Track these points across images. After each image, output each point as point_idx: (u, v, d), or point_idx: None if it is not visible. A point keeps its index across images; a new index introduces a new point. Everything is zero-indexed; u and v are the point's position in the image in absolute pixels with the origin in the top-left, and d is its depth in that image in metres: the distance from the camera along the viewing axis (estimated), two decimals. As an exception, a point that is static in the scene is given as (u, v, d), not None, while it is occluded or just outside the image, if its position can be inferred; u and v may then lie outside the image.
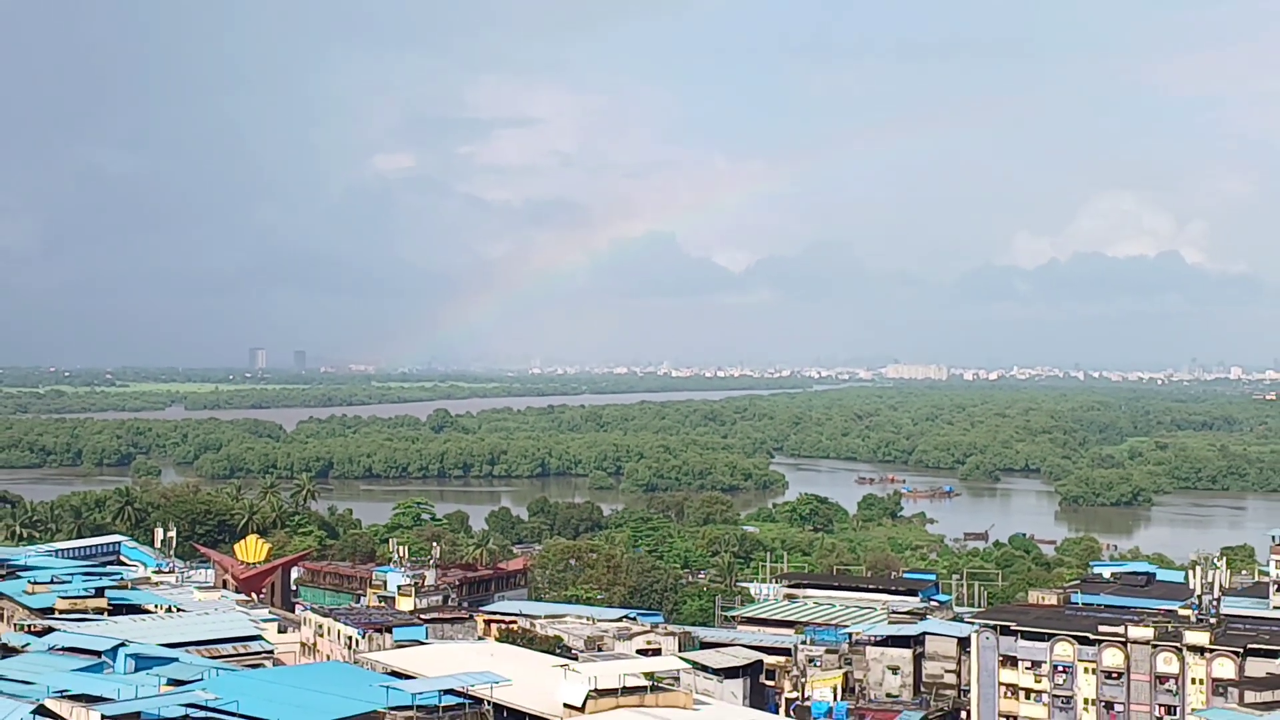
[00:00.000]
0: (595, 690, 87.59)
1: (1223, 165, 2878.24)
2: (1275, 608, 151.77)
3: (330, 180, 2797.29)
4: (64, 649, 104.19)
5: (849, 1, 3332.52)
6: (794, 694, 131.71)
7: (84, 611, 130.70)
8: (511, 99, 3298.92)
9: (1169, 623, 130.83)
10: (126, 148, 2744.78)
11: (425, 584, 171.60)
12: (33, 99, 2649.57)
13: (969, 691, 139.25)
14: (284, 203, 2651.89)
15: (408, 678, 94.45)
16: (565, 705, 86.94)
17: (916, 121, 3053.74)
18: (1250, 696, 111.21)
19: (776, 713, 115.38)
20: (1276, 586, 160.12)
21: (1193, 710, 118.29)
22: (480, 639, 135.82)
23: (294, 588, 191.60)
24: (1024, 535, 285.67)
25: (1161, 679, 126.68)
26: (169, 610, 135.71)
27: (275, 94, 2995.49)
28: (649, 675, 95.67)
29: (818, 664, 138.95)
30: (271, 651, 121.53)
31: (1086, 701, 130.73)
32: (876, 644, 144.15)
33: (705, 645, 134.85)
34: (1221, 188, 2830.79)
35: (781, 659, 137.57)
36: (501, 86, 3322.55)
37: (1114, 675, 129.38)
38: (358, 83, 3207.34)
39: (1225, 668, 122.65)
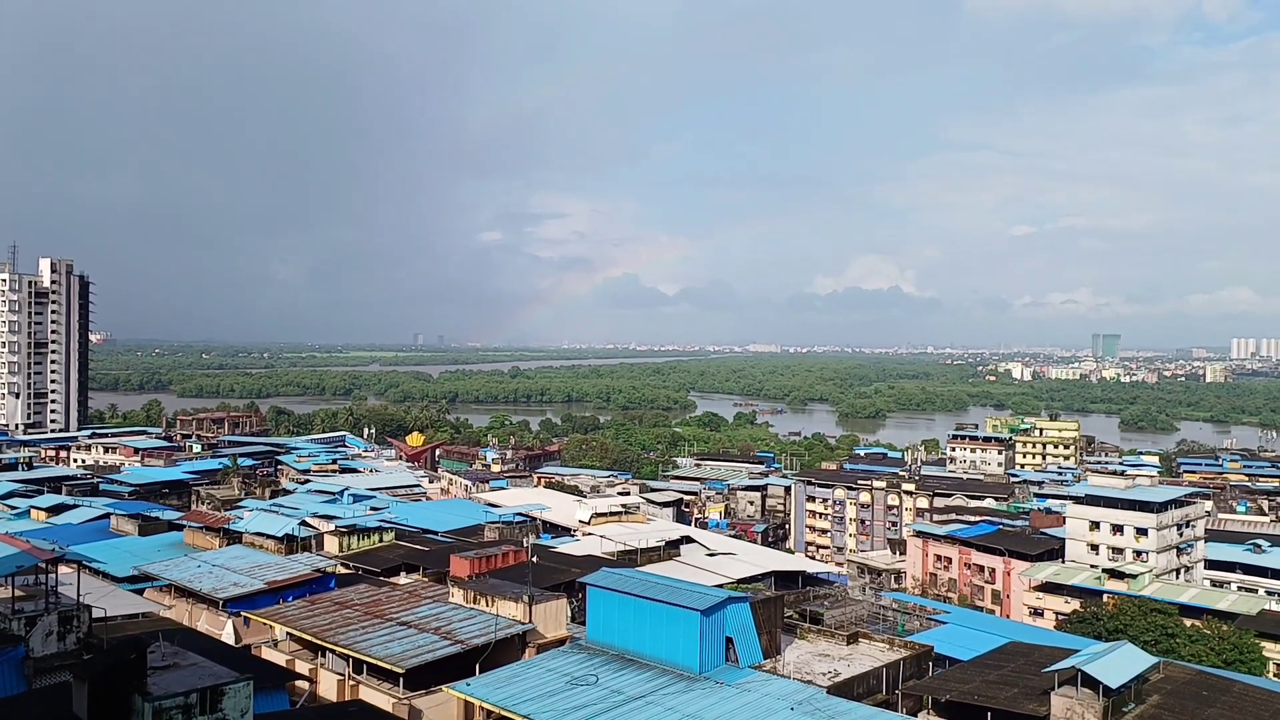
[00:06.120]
0: (595, 514, 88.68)
1: (924, 241, 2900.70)
2: (949, 472, 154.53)
3: (458, 246, 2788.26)
4: (315, 491, 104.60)
5: (732, 158, 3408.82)
6: (699, 515, 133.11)
7: (326, 472, 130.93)
8: (554, 204, 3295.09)
9: (894, 479, 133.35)
10: (352, 227, 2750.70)
11: (506, 458, 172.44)
12: (304, 200, 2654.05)
13: (790, 514, 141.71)
14: (435, 258, 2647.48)
15: (496, 506, 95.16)
16: (580, 521, 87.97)
17: (766, 218, 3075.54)
18: (936, 517, 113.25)
19: (690, 525, 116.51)
20: (949, 460, 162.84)
21: (906, 525, 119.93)
22: (534, 487, 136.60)
23: (437, 459, 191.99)
24: (819, 433, 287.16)
25: (890, 508, 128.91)
26: (371, 471, 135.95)
27: (432, 200, 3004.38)
28: (624, 506, 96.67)
29: (711, 499, 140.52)
30: (425, 493, 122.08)
31: (850, 520, 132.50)
32: (742, 489, 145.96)
33: (653, 490, 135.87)
34: (922, 253, 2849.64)
35: (693, 497, 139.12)
36: (549, 197, 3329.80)
37: (865, 506, 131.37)
38: (475, 194, 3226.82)
39: (923, 502, 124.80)
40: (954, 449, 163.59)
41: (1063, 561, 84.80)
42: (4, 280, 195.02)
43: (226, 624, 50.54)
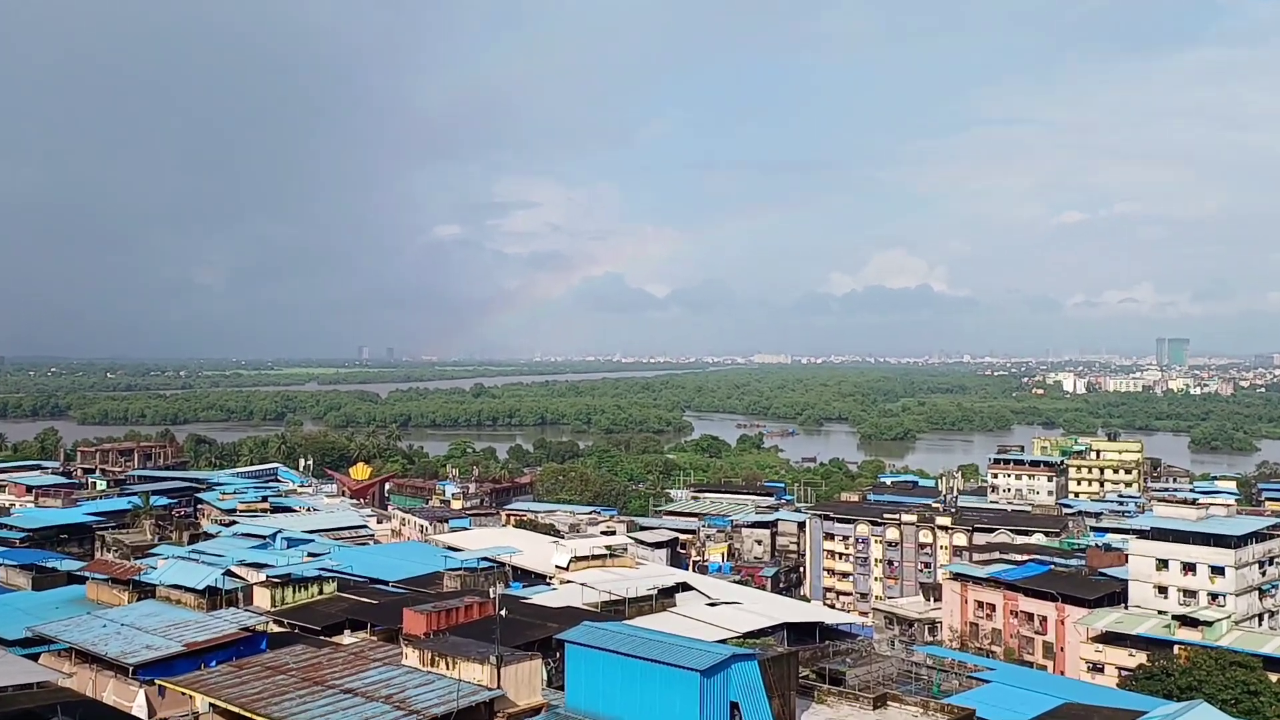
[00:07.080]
0: (575, 557, 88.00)
1: (952, 233, 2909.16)
2: (991, 502, 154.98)
3: (410, 242, 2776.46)
4: (242, 534, 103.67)
5: (726, 139, 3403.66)
6: (697, 558, 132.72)
7: (255, 511, 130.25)
8: (522, 191, 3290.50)
9: (926, 511, 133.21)
10: (285, 222, 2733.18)
11: (468, 492, 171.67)
12: (229, 191, 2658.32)
13: (805, 555, 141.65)
14: (382, 257, 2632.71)
15: (457, 550, 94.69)
16: (556, 566, 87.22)
17: (768, 207, 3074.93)
18: (976, 557, 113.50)
19: (687, 569, 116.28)
20: (991, 489, 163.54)
21: (941, 566, 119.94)
22: (503, 526, 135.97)
23: (387, 495, 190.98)
24: (838, 459, 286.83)
25: (922, 546, 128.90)
26: (308, 510, 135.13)
27: (379, 189, 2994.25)
28: (608, 548, 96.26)
29: (712, 539, 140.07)
30: (373, 535, 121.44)
31: (876, 561, 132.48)
32: (748, 526, 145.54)
33: (643, 528, 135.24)
34: (952, 246, 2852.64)
35: (690, 536, 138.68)
36: (516, 184, 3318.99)
37: (893, 544, 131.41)
38: (428, 182, 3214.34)
39: (960, 539, 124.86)
40: (996, 475, 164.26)
41: (1125, 607, 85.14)
42: None
43: (138, 694, 50.17)
